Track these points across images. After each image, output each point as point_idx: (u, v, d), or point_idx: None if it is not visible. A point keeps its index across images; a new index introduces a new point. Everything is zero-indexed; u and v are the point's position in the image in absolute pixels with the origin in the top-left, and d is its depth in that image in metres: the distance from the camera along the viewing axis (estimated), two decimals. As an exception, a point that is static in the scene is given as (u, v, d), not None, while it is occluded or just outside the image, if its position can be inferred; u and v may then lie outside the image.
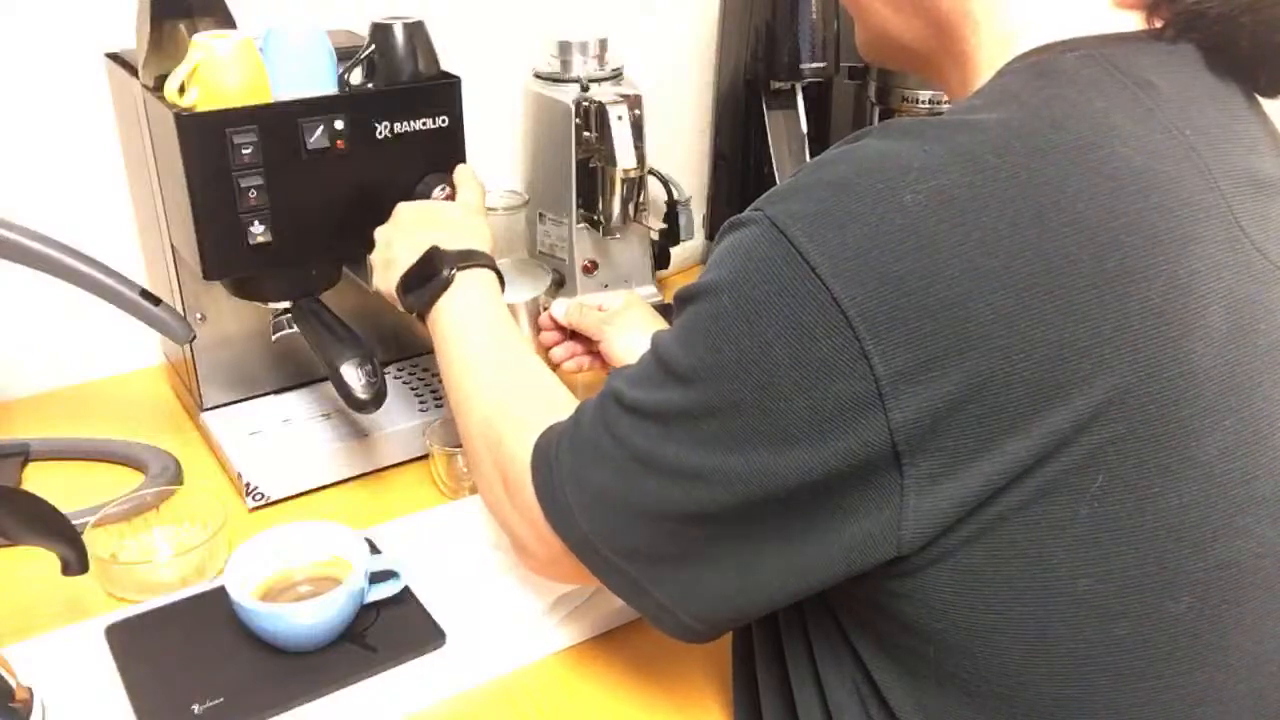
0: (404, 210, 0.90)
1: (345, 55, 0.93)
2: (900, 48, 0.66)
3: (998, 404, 0.48)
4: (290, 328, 0.98)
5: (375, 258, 0.89)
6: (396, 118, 0.92)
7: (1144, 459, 0.49)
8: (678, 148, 1.48)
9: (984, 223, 0.48)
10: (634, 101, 1.20)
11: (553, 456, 0.65)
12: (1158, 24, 0.57)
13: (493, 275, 0.84)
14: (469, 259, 0.83)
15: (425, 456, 1.03)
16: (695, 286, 0.56)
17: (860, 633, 0.58)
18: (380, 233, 0.90)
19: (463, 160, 0.97)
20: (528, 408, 0.73)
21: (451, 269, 0.82)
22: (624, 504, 0.60)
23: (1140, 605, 0.50)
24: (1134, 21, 0.57)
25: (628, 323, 1.01)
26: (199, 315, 1.03)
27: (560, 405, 0.72)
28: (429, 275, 0.82)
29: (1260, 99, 0.59)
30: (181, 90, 0.85)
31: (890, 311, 0.48)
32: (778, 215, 0.51)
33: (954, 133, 0.51)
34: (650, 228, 1.31)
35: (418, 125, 0.94)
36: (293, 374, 1.09)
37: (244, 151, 0.86)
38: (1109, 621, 0.50)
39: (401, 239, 0.87)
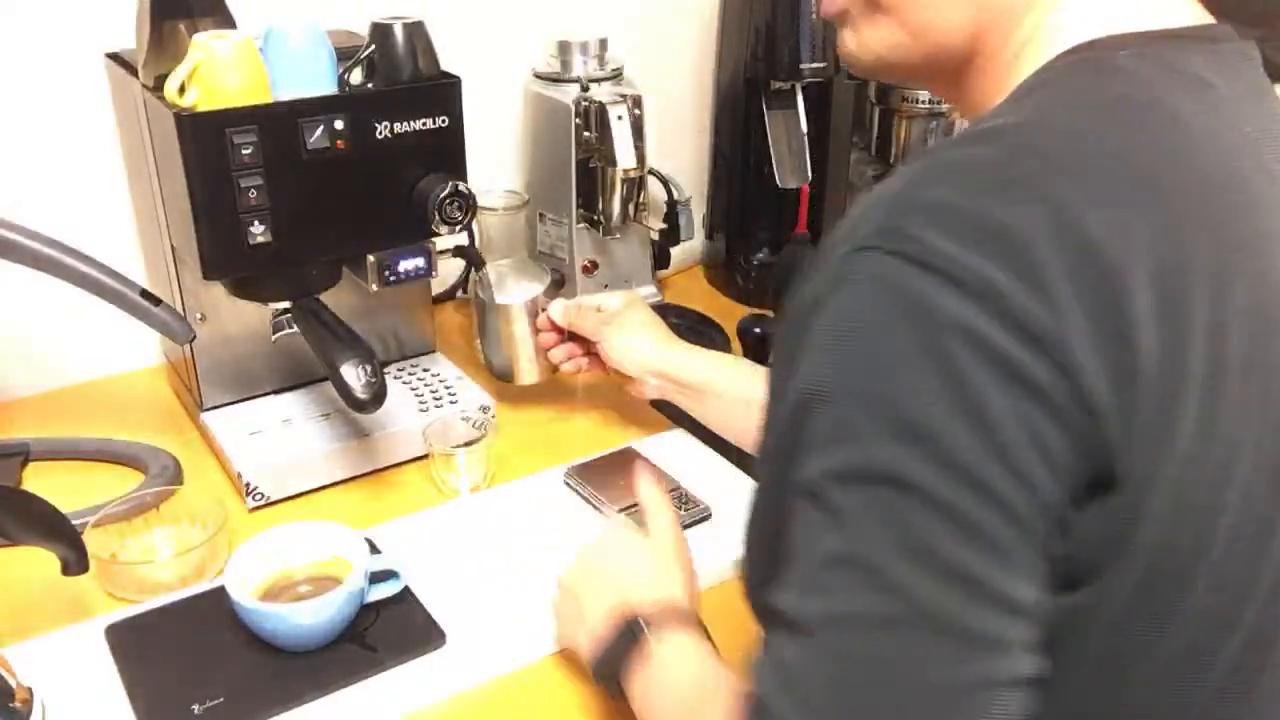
0: (591, 560, 0.79)
1: (345, 55, 0.93)
2: (933, 55, 0.60)
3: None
4: (290, 328, 0.98)
5: (557, 608, 0.80)
6: (396, 118, 0.92)
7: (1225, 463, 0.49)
8: (678, 148, 1.48)
9: (1099, 220, 0.47)
10: (634, 101, 1.20)
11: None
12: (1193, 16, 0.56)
13: (691, 637, 0.69)
14: (665, 621, 0.70)
15: (425, 456, 1.03)
16: (806, 385, 0.49)
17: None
18: (565, 581, 0.79)
19: (462, 160, 0.97)
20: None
21: (644, 635, 0.69)
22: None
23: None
24: (1173, 13, 0.56)
25: (626, 324, 1.01)
26: (199, 315, 1.03)
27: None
28: (621, 648, 0.70)
29: None
30: (181, 90, 0.85)
31: (1057, 321, 0.45)
32: (903, 245, 0.47)
33: (1041, 139, 0.50)
34: (650, 228, 1.31)
35: (418, 125, 0.93)
36: (293, 374, 1.09)
37: (244, 151, 0.86)
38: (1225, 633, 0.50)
39: (589, 595, 0.75)
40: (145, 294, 0.91)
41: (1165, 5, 0.56)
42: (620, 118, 1.17)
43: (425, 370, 1.14)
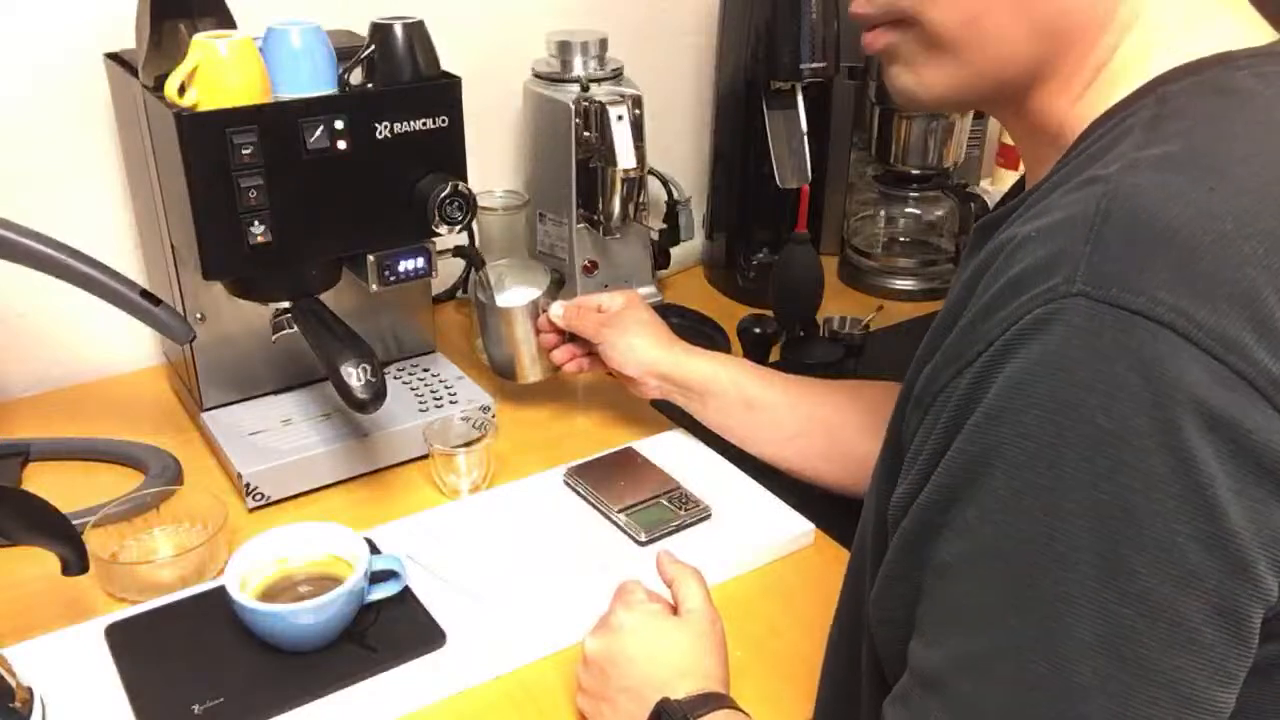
0: (624, 641, 0.73)
1: (345, 55, 0.93)
2: (998, 79, 0.57)
3: None
4: (290, 328, 0.98)
5: (581, 680, 0.75)
6: (396, 118, 0.92)
7: None
8: (678, 148, 1.48)
9: None
10: (634, 101, 1.20)
11: None
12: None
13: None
14: (703, 710, 0.67)
15: (425, 456, 1.03)
16: (1000, 444, 0.45)
17: None
18: (593, 655, 0.74)
19: (462, 160, 0.97)
20: None
21: None
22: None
23: None
24: (1261, 28, 0.54)
25: (626, 324, 1.01)
26: (199, 315, 1.03)
27: None
28: None
29: None
30: (181, 90, 0.85)
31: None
32: (1117, 295, 0.42)
33: (1229, 167, 0.46)
34: (650, 228, 1.31)
35: (418, 125, 0.93)
36: (293, 374, 1.09)
37: (244, 151, 0.86)
38: None
39: (620, 679, 0.72)
40: (145, 294, 0.91)
41: (1240, 24, 0.54)
42: (620, 118, 1.17)
43: (425, 370, 1.14)
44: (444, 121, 0.95)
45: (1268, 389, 0.42)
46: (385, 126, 0.92)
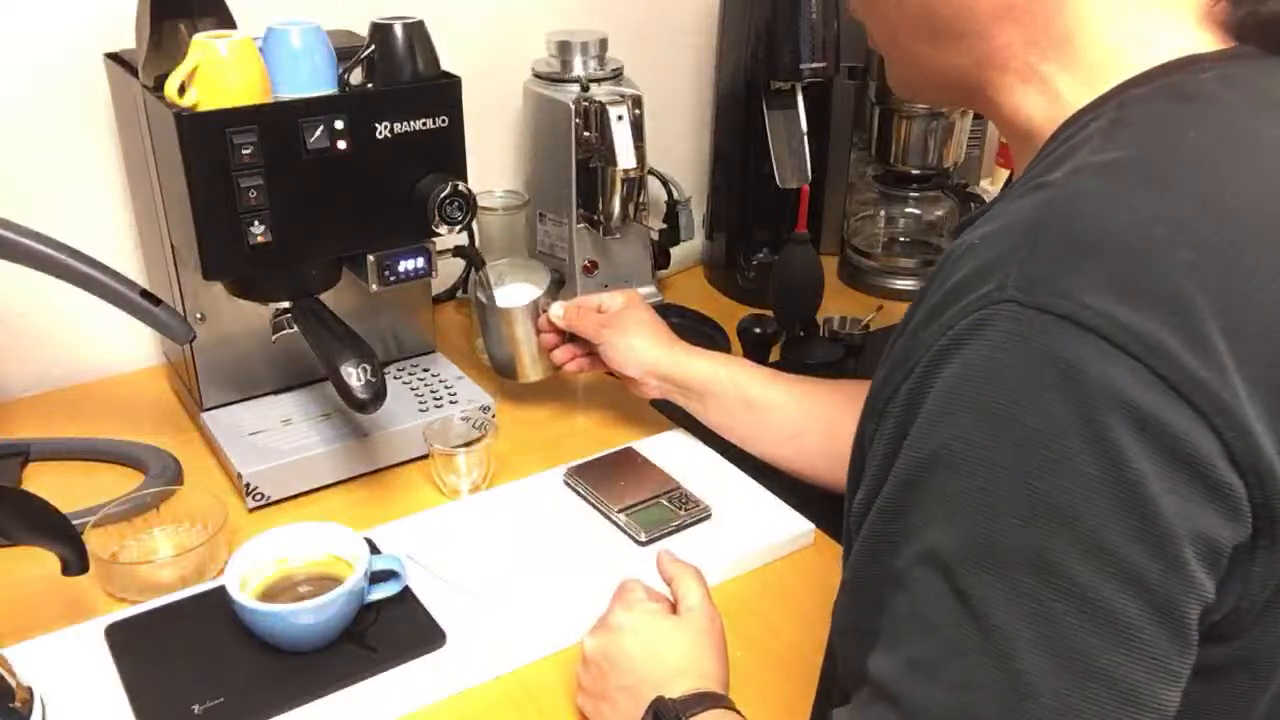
0: (622, 640, 0.74)
1: (345, 55, 0.93)
2: (942, 86, 0.62)
3: None
4: (290, 328, 0.98)
5: (580, 678, 0.76)
6: (396, 118, 0.92)
7: None
8: (678, 148, 1.48)
9: (1249, 266, 0.45)
10: (634, 101, 1.20)
11: None
12: (1238, 37, 0.54)
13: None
14: (699, 709, 0.68)
15: (425, 456, 1.03)
16: (931, 445, 0.46)
17: None
18: (592, 654, 0.75)
19: (462, 160, 0.97)
20: None
21: None
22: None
23: None
24: (1211, 34, 0.54)
25: (627, 325, 1.01)
26: (199, 315, 1.03)
27: None
28: None
29: None
30: (181, 90, 0.85)
31: (1217, 380, 0.42)
32: (1045, 300, 0.43)
33: (1168, 174, 0.47)
34: (650, 228, 1.31)
35: (418, 125, 0.93)
36: (293, 374, 1.09)
37: (244, 151, 0.86)
38: None
39: (619, 676, 0.73)
40: (145, 294, 0.91)
41: (1201, 29, 0.54)
42: (620, 118, 1.17)
43: (425, 370, 1.14)
44: (444, 121, 0.95)
45: (1193, 394, 0.42)
46: (385, 126, 0.92)
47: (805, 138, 1.28)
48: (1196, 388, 0.42)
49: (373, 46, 0.94)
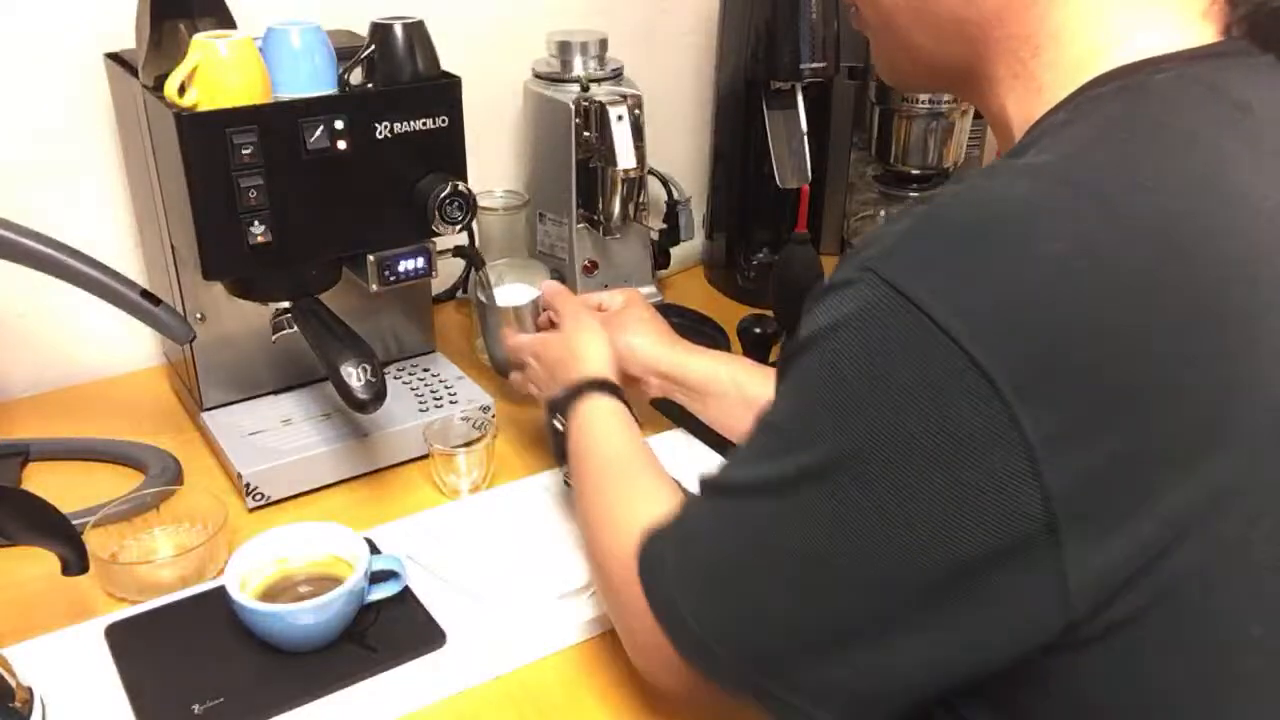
0: (554, 343, 0.96)
1: (345, 55, 0.93)
2: (933, 73, 0.63)
3: (1160, 453, 0.45)
4: (290, 328, 0.98)
5: (532, 373, 0.98)
6: (396, 118, 0.92)
7: None
8: (678, 148, 1.48)
9: (1128, 266, 0.45)
10: (634, 101, 1.20)
11: (658, 557, 0.62)
12: (1234, 33, 0.55)
13: (598, 404, 0.86)
14: (593, 386, 0.87)
15: (425, 456, 1.03)
16: (803, 354, 0.52)
17: (992, 713, 0.53)
18: (537, 354, 0.97)
19: (462, 160, 0.97)
20: (641, 505, 0.71)
21: (582, 394, 0.87)
22: (741, 601, 0.55)
23: None
24: (1207, 33, 0.55)
25: (627, 323, 1.01)
26: (199, 315, 1.03)
27: (668, 502, 0.69)
28: (567, 400, 0.87)
29: None
30: (181, 90, 0.85)
31: (1041, 372, 0.44)
32: (895, 275, 0.47)
33: (1073, 170, 0.49)
34: (650, 228, 1.31)
35: (418, 125, 0.93)
36: (293, 374, 1.09)
37: (244, 151, 0.86)
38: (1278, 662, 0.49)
39: (549, 368, 0.94)
40: (145, 294, 0.91)
41: (1184, 26, 0.54)
42: (620, 118, 1.17)
43: (425, 370, 1.14)
44: (444, 121, 0.95)
45: (1004, 387, 0.44)
46: (385, 126, 0.92)
47: (805, 138, 1.28)
48: (1009, 375, 0.44)
49: (373, 46, 0.94)
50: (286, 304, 0.98)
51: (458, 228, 0.96)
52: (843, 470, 0.49)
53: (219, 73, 0.85)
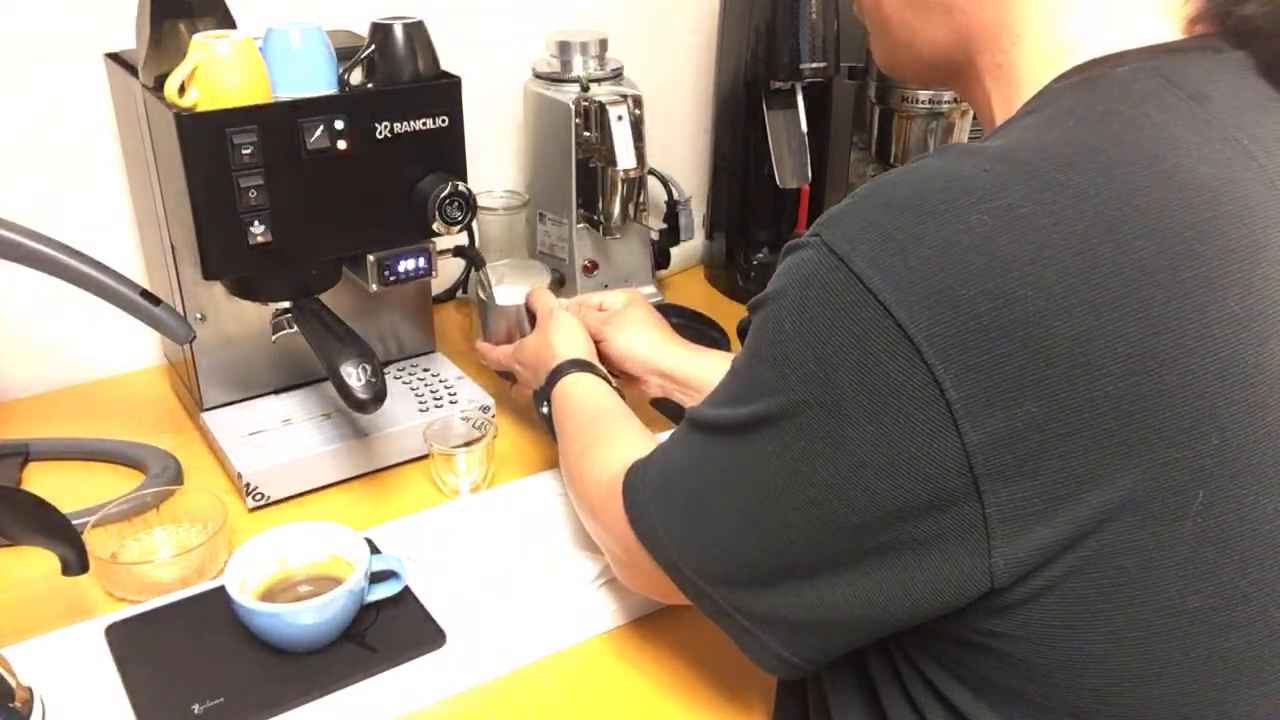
0: (537, 342, 0.99)
1: (345, 55, 0.93)
2: (923, 62, 0.65)
3: (1083, 425, 0.46)
4: (290, 328, 0.98)
5: (521, 375, 1.02)
6: (396, 118, 0.92)
7: (1238, 469, 0.48)
8: (678, 148, 1.48)
9: (1055, 240, 0.47)
10: (634, 101, 1.20)
11: (639, 479, 0.67)
12: (1199, 30, 0.56)
13: (575, 377, 0.92)
14: (571, 366, 0.92)
15: (425, 456, 1.03)
16: (759, 311, 0.55)
17: (946, 674, 0.56)
18: (521, 359, 1.01)
19: (462, 160, 0.97)
20: (619, 443, 0.78)
21: (563, 376, 0.92)
22: (702, 527, 0.60)
23: (1248, 614, 0.49)
24: (1178, 30, 0.56)
25: (628, 322, 1.01)
26: (199, 315, 1.03)
27: (648, 445, 0.73)
28: (549, 383, 0.93)
29: None
30: (181, 90, 0.85)
31: (960, 335, 0.47)
32: (835, 240, 0.50)
33: (1014, 151, 0.51)
34: (650, 228, 1.31)
35: (418, 125, 0.93)
36: (293, 374, 1.09)
37: (244, 151, 0.86)
38: (1218, 635, 0.49)
39: (532, 364, 0.99)
40: (145, 294, 0.91)
41: (1161, 23, 0.56)
42: (620, 118, 1.17)
43: (425, 370, 1.14)
44: (444, 121, 0.95)
45: (925, 348, 0.47)
46: (385, 126, 0.92)
47: (805, 138, 1.28)
48: (930, 341, 0.47)
49: (373, 46, 0.94)
50: (286, 304, 0.98)
51: (458, 228, 0.96)
52: (787, 419, 0.53)
53: (219, 73, 0.85)
